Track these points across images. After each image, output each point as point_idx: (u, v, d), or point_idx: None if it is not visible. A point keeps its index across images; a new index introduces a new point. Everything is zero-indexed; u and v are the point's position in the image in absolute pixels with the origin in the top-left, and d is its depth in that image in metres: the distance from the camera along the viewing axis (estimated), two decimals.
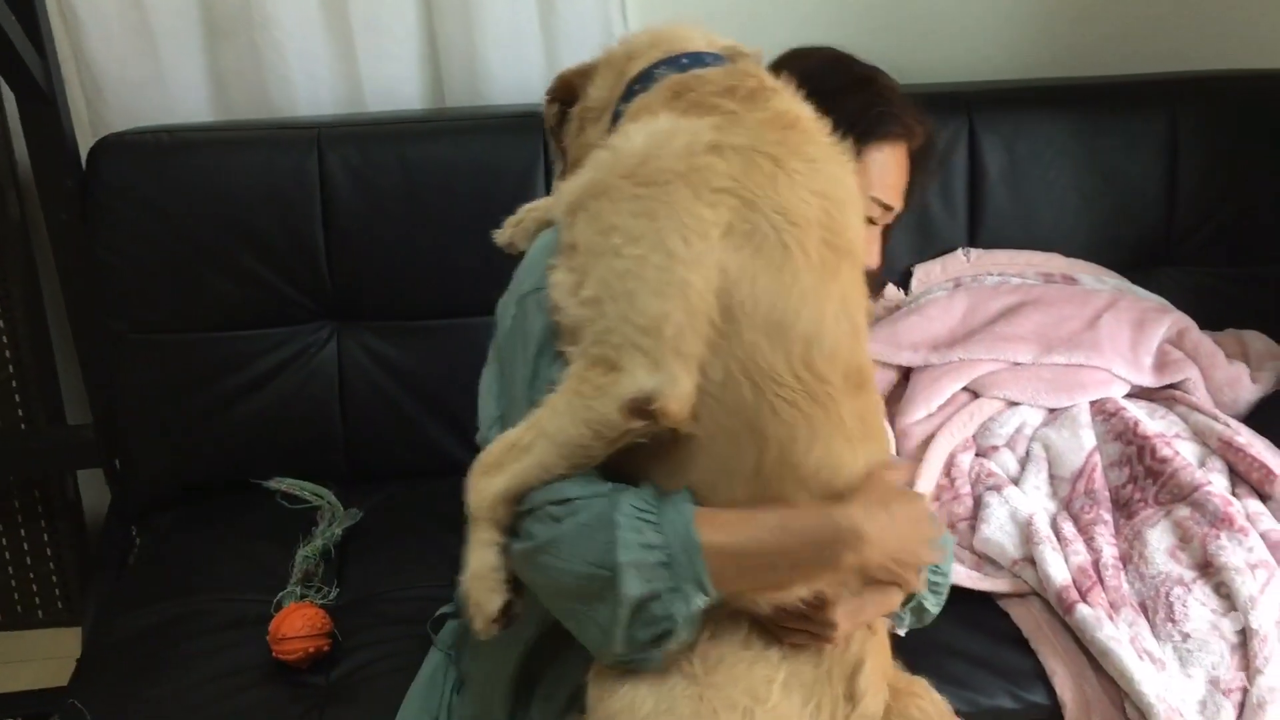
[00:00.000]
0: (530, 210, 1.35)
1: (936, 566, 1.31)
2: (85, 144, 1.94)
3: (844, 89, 1.43)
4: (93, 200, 1.90)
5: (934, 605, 1.33)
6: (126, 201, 1.89)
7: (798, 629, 1.14)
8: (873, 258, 1.47)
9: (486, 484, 1.11)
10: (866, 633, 1.19)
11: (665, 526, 1.07)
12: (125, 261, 1.91)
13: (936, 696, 1.25)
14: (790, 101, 1.16)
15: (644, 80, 1.20)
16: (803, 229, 1.08)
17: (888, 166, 1.43)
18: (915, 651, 1.63)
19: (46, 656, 2.25)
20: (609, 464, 1.11)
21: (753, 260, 1.06)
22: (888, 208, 1.43)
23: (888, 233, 1.55)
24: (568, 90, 1.31)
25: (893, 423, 1.96)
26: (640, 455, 1.10)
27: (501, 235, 1.37)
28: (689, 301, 1.05)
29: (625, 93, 1.21)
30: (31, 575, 2.34)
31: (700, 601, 1.07)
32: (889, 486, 1.11)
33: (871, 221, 1.43)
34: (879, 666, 1.20)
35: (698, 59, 1.20)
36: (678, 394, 1.05)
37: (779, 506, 1.09)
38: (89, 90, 2.03)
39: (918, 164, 1.52)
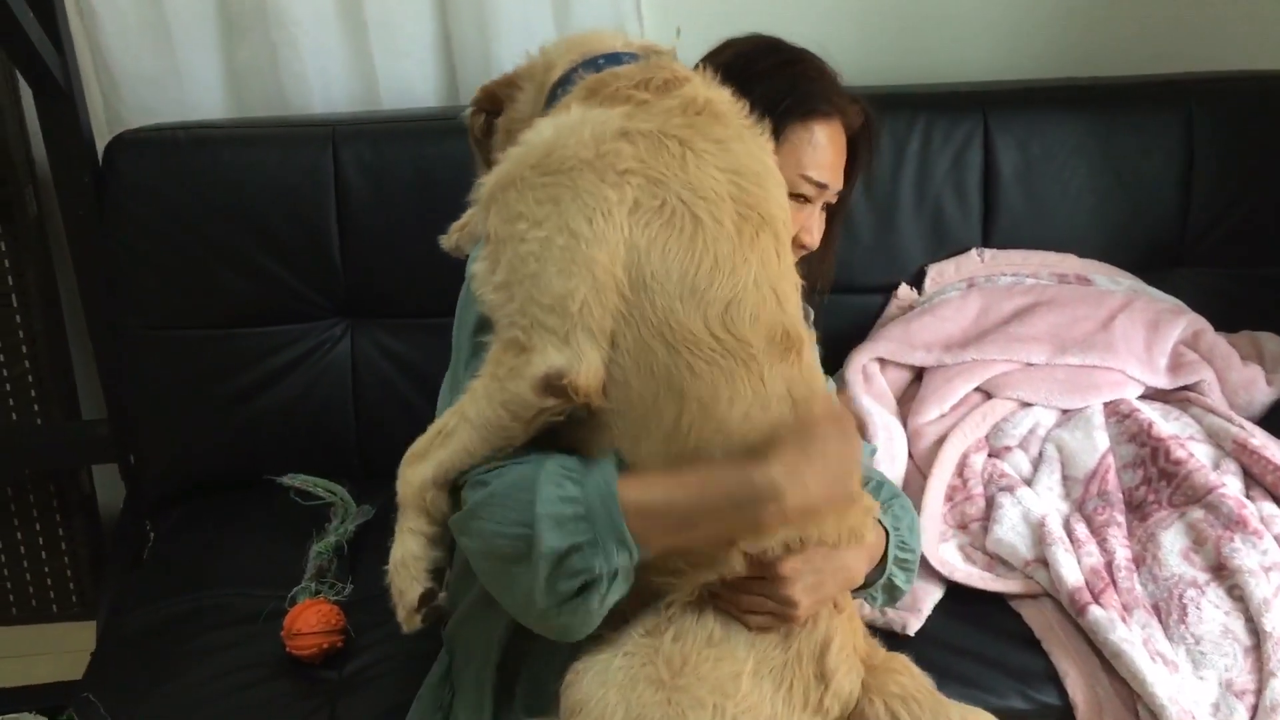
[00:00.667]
0: (472, 213, 1.37)
1: (904, 542, 1.34)
2: (102, 140, 1.95)
3: (771, 70, 1.44)
4: (109, 196, 1.91)
5: (904, 582, 1.36)
6: (142, 198, 1.90)
7: (760, 611, 1.16)
8: (811, 236, 1.45)
9: (414, 472, 1.18)
10: (832, 611, 1.20)
11: (586, 482, 1.10)
12: (140, 257, 1.92)
13: (917, 672, 1.25)
14: (701, 88, 1.20)
15: (564, 84, 1.24)
16: (713, 202, 1.12)
17: (818, 144, 1.42)
18: (927, 651, 1.65)
19: (61, 650, 2.26)
20: (538, 442, 1.14)
21: (663, 232, 1.10)
22: (821, 185, 1.42)
23: (836, 214, 1.53)
24: (492, 101, 1.35)
25: (905, 423, 1.96)
26: (563, 429, 1.14)
27: (447, 240, 1.41)
28: (595, 278, 1.09)
29: (549, 98, 1.25)
30: (46, 570, 2.35)
31: (623, 558, 1.09)
32: (811, 428, 1.11)
33: (805, 199, 1.42)
34: (849, 643, 1.21)
35: (614, 59, 1.23)
36: (587, 369, 1.09)
37: (703, 466, 1.11)
38: (105, 86, 2.04)
39: (858, 145, 1.51)
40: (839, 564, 1.21)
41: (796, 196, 1.40)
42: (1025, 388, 1.97)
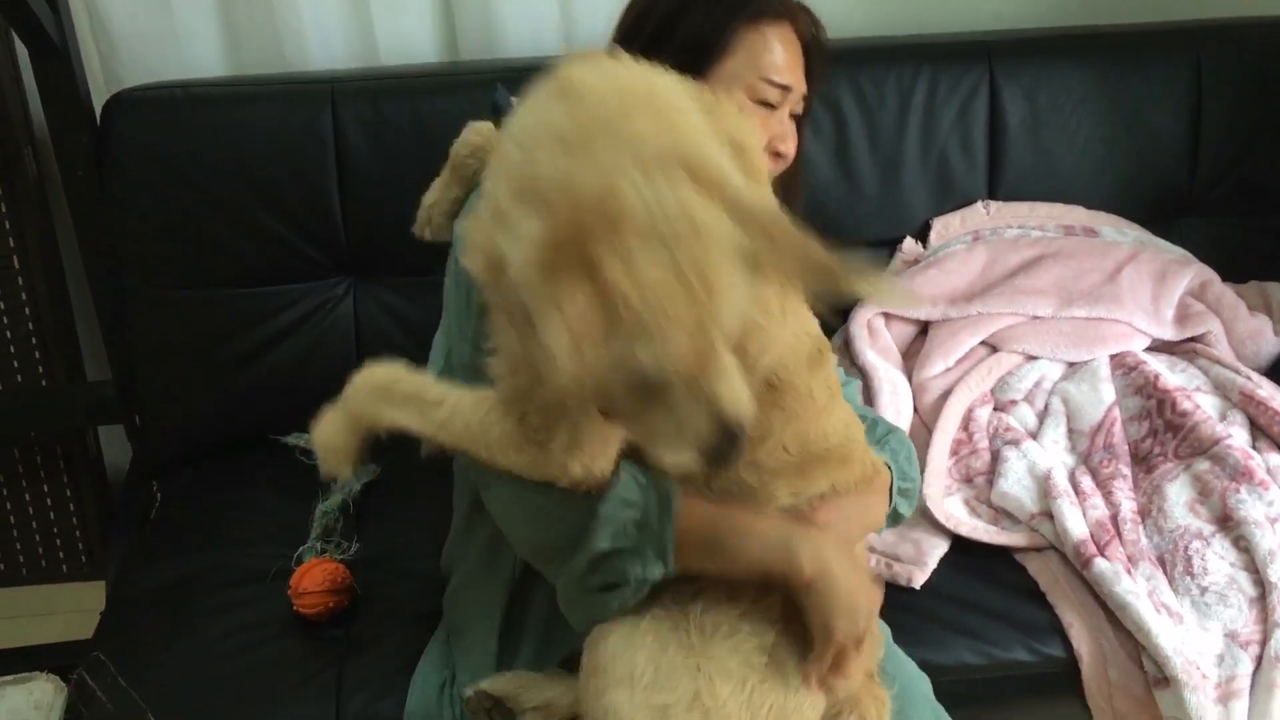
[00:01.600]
0: (431, 206, 1.39)
1: (904, 472, 1.34)
2: (99, 100, 1.93)
3: None
4: (107, 156, 1.89)
5: (907, 509, 1.37)
6: (141, 157, 1.89)
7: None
8: (787, 145, 1.41)
9: (377, 403, 1.19)
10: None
11: (648, 493, 1.11)
12: (141, 217, 1.90)
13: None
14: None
15: None
16: None
17: (773, 46, 1.37)
18: (932, 605, 1.66)
19: (70, 610, 2.28)
20: None
21: None
22: (784, 87, 1.37)
23: (801, 127, 1.48)
24: None
25: (910, 376, 1.96)
26: None
27: (419, 227, 1.42)
28: None
29: None
30: (55, 530, 2.36)
31: (656, 571, 1.11)
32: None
33: (770, 105, 1.37)
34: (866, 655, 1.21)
35: None
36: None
37: (754, 514, 1.14)
38: (102, 45, 2.02)
39: (811, 57, 1.44)
40: (863, 508, 1.23)
41: (761, 104, 1.37)
42: (1031, 341, 1.97)
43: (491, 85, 1.52)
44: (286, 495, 1.85)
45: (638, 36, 1.37)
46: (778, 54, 1.38)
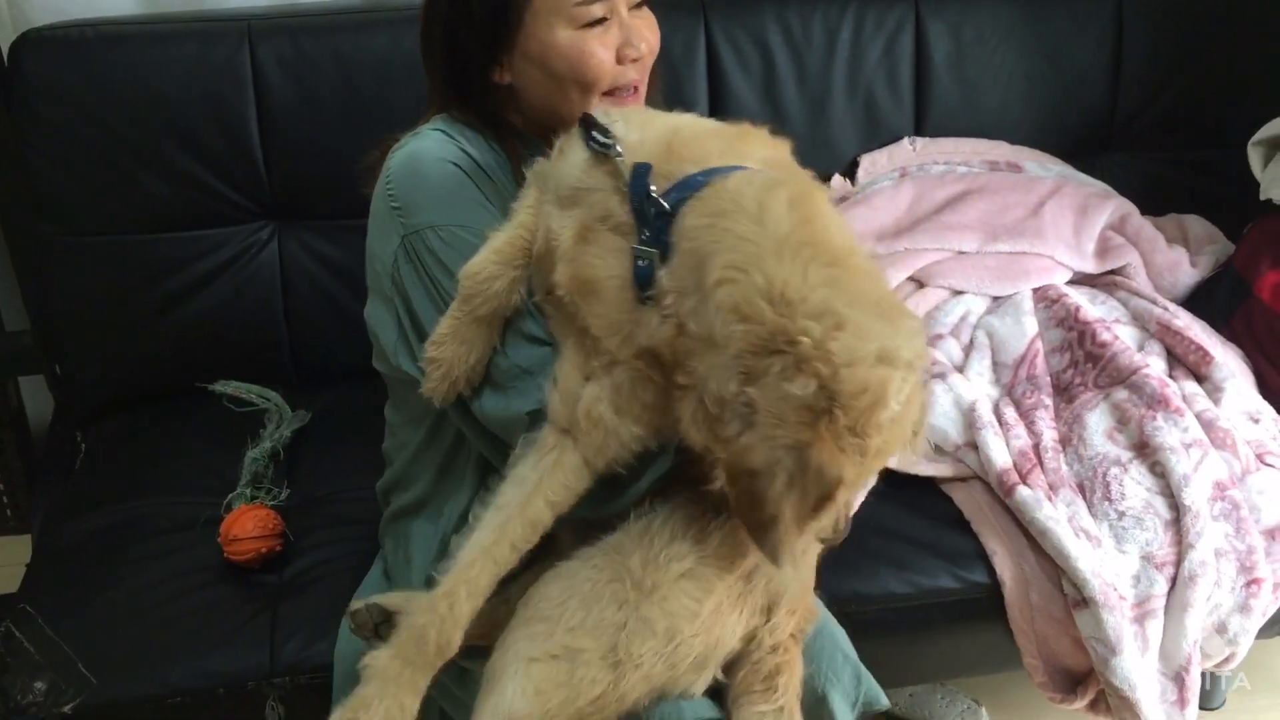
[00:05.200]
0: (451, 361, 1.25)
1: None
2: (6, 40, 1.87)
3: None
4: (16, 99, 1.83)
5: None
6: (51, 100, 1.83)
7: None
8: (649, 41, 1.34)
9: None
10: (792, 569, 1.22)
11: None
12: (53, 162, 1.85)
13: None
14: None
15: None
16: None
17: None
18: (861, 537, 1.68)
19: None
20: None
21: None
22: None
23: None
24: None
25: None
26: None
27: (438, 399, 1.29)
28: None
29: None
30: None
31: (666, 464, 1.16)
32: None
33: (602, 20, 1.29)
34: (796, 596, 1.25)
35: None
36: None
37: None
38: None
39: None
40: None
41: (593, 25, 1.29)
42: (957, 276, 1.99)
43: (415, 21, 1.48)
44: (214, 443, 1.84)
45: (436, 6, 1.34)
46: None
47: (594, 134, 1.17)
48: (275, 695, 1.52)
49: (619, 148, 1.14)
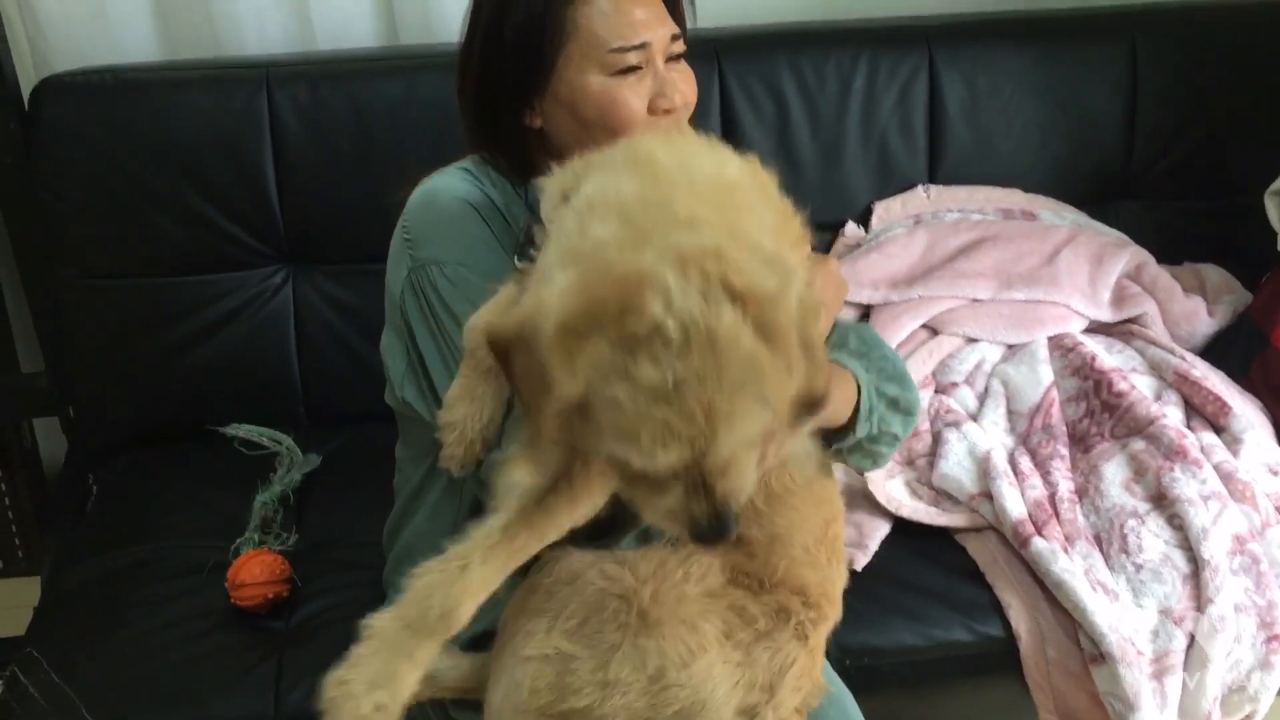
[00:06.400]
0: (463, 422, 1.19)
1: (887, 372, 1.28)
2: (28, 85, 1.90)
3: None
4: (37, 142, 1.86)
5: (901, 426, 1.30)
6: (71, 144, 1.85)
7: None
8: (684, 93, 1.32)
9: (408, 644, 1.05)
10: (801, 640, 1.18)
11: None
12: (72, 206, 1.87)
13: None
14: None
15: None
16: None
17: (607, 11, 1.28)
18: (874, 587, 1.67)
19: (6, 606, 2.23)
20: None
21: None
22: (640, 46, 1.28)
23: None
24: None
25: None
26: None
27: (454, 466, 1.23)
28: None
29: None
30: None
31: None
32: (806, 266, 1.08)
33: (635, 69, 1.29)
34: (806, 674, 1.20)
35: None
36: None
37: None
38: (30, 29, 1.97)
39: None
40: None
41: (626, 72, 1.28)
42: (971, 324, 1.98)
43: (430, 69, 1.49)
44: (224, 486, 1.84)
45: (471, 46, 1.34)
46: (618, 16, 1.29)
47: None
48: None
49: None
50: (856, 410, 1.23)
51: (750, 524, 1.15)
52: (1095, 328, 2.04)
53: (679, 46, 1.34)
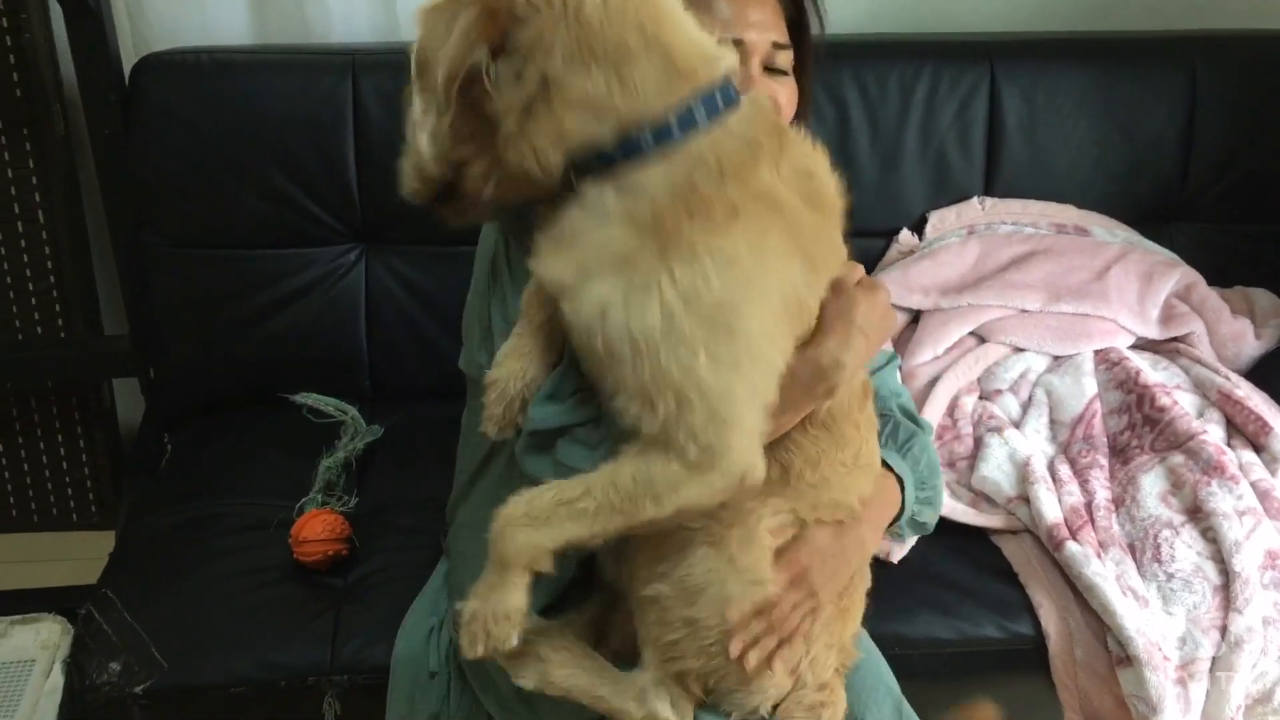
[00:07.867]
0: (506, 380, 1.21)
1: (924, 481, 1.37)
2: (128, 61, 1.99)
3: None
4: (134, 117, 1.95)
5: (930, 517, 1.40)
6: (166, 119, 1.95)
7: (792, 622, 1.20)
8: (782, 108, 1.33)
9: (526, 538, 1.08)
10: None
11: None
12: (163, 177, 1.97)
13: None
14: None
15: (681, 125, 1.05)
16: None
17: (733, 4, 1.29)
18: (908, 580, 1.72)
19: (78, 558, 2.32)
20: None
21: None
22: (735, 42, 1.26)
23: (802, 76, 1.40)
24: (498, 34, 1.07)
25: (901, 364, 2.01)
26: None
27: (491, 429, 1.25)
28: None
29: (651, 130, 1.04)
30: (67, 480, 2.42)
31: None
32: (849, 299, 1.15)
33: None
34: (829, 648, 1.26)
35: (726, 94, 1.09)
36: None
37: None
38: (133, 9, 2.07)
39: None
40: (848, 542, 1.23)
41: None
42: (1018, 333, 2.02)
43: None
44: (292, 450, 1.92)
45: None
46: (732, 5, 1.29)
47: None
48: (333, 692, 1.58)
49: None
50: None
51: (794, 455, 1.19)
52: (1142, 344, 2.06)
53: (782, 59, 1.34)
